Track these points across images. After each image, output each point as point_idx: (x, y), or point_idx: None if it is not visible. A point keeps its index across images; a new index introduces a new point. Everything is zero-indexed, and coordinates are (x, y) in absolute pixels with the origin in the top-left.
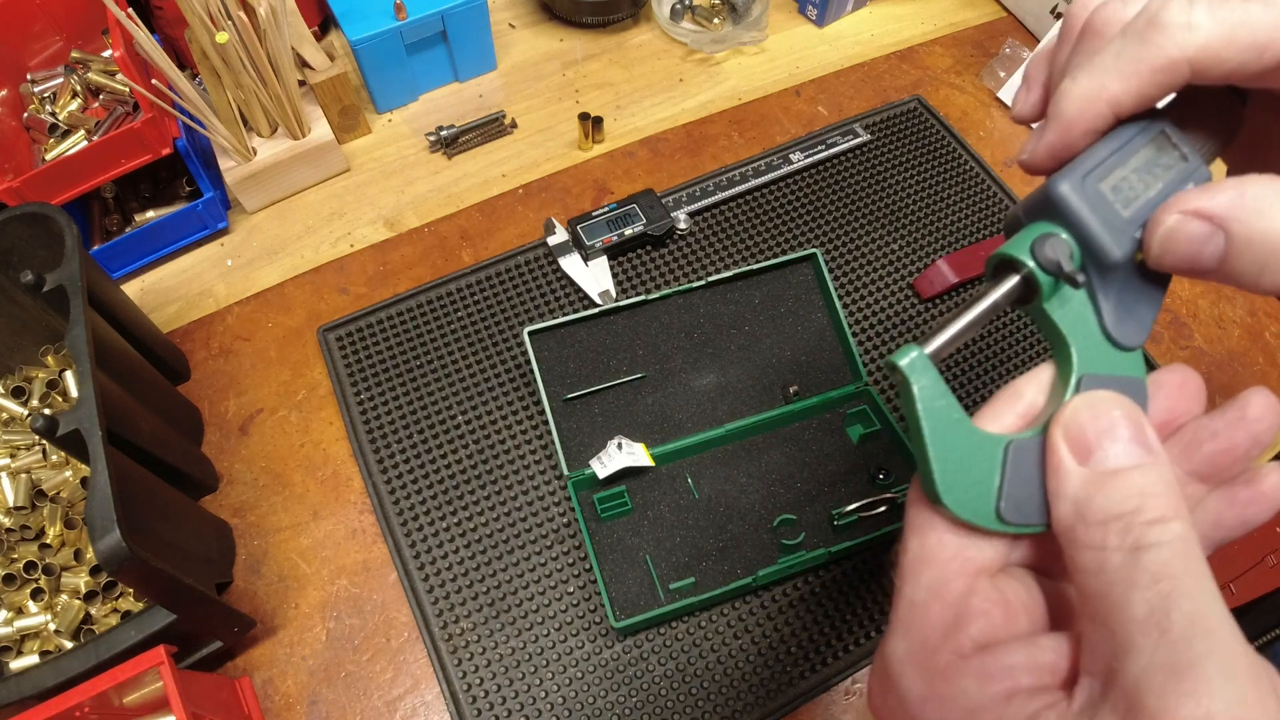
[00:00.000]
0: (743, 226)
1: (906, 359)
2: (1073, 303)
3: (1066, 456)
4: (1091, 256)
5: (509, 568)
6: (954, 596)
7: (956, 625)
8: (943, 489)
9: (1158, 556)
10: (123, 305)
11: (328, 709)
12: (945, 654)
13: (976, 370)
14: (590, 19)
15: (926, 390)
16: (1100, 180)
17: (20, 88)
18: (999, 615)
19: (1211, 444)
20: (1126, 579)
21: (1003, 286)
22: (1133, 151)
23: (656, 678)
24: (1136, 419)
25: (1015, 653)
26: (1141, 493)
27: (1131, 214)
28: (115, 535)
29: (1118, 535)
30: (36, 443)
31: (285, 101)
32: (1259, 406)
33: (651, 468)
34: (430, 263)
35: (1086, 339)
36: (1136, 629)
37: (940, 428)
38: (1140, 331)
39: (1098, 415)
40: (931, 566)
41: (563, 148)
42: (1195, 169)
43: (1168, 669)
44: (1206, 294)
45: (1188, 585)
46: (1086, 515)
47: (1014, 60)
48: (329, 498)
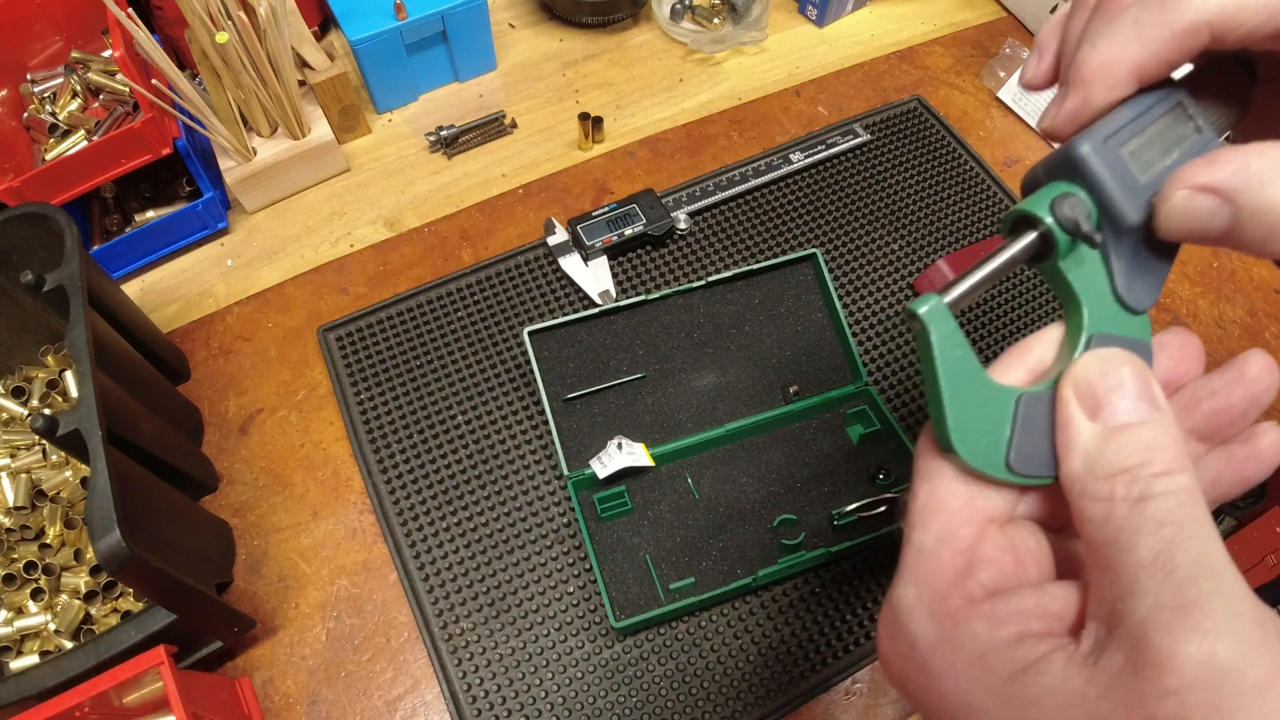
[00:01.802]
0: (743, 226)
1: (925, 307)
2: (1087, 263)
3: (1077, 411)
4: (1108, 219)
5: (509, 568)
6: (964, 543)
7: (967, 571)
8: (955, 436)
9: (1163, 505)
10: (123, 305)
11: (328, 709)
12: (955, 599)
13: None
14: (590, 19)
15: (944, 338)
16: (1120, 145)
17: (20, 88)
18: (1009, 562)
19: (1210, 402)
20: (1133, 525)
21: (1020, 242)
22: (1151, 120)
23: (656, 678)
24: (1144, 376)
25: (1025, 598)
26: (1149, 447)
27: (1148, 180)
28: (115, 535)
29: (1124, 487)
30: (36, 443)
31: (285, 101)
32: (1257, 367)
33: (651, 468)
34: (430, 263)
35: (1098, 299)
36: (1142, 570)
37: (956, 376)
38: (1150, 295)
39: (1107, 372)
40: (941, 514)
41: (563, 148)
42: (1209, 141)
43: (1173, 607)
44: (1206, 294)
45: (1192, 530)
46: (1095, 468)
47: (1014, 60)
48: (329, 498)
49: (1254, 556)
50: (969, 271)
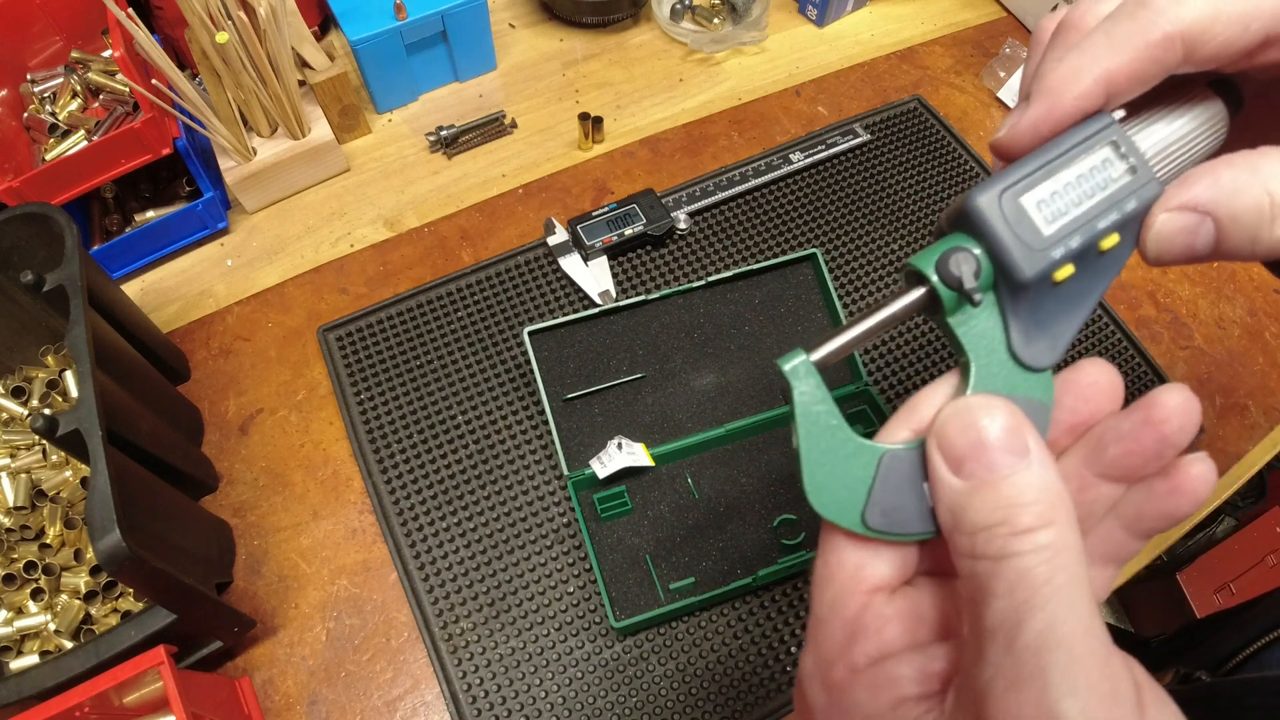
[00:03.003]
0: (743, 226)
1: (790, 364)
2: (979, 319)
3: (941, 466)
4: (1003, 274)
5: (509, 568)
6: (850, 613)
7: (851, 640)
8: (810, 490)
9: (1017, 565)
10: (123, 305)
11: (328, 709)
12: (841, 668)
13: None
14: (590, 19)
15: (805, 395)
16: (1023, 193)
17: (20, 88)
18: (892, 630)
19: (1117, 447)
20: (987, 587)
21: (906, 298)
22: (1069, 162)
23: (656, 678)
24: (1011, 423)
25: (904, 664)
26: (1010, 504)
27: (1054, 230)
28: (115, 535)
29: (983, 545)
30: (36, 443)
31: (285, 101)
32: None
33: (651, 468)
34: (430, 263)
35: (989, 356)
36: (988, 636)
37: (815, 432)
38: (1051, 352)
39: (967, 425)
40: (832, 584)
41: (563, 148)
42: (1143, 183)
43: (1010, 679)
44: (1206, 294)
45: (1045, 595)
46: (960, 525)
47: (1014, 60)
48: (329, 498)
49: (1254, 556)
50: (843, 329)
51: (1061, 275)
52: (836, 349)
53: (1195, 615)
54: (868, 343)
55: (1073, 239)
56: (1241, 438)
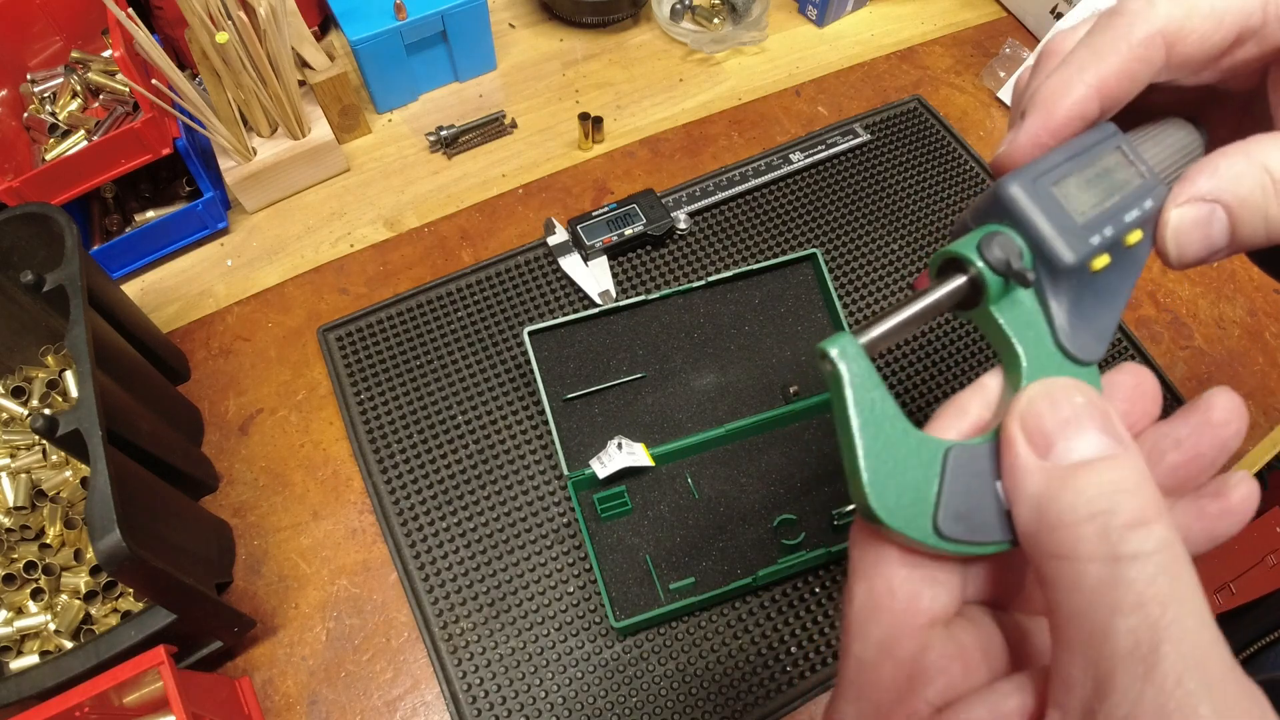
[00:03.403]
0: (743, 226)
1: (837, 346)
2: (1023, 308)
3: (1024, 450)
4: (1043, 261)
5: (509, 568)
6: (907, 653)
7: (911, 686)
8: (872, 493)
9: (1142, 572)
10: (123, 305)
11: (328, 709)
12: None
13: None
14: (590, 19)
15: (859, 379)
16: (1053, 184)
17: (20, 88)
18: (957, 670)
19: (1176, 453)
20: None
21: (948, 285)
22: (1090, 161)
23: (656, 678)
24: (1103, 406)
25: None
26: (1115, 489)
27: (1086, 220)
28: (115, 535)
29: (1091, 541)
30: (36, 443)
31: (285, 101)
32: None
33: (651, 468)
34: (430, 263)
35: (1038, 348)
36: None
37: (872, 422)
38: (1097, 345)
39: (1058, 402)
40: (881, 620)
41: (563, 148)
42: (1154, 187)
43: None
44: (1206, 294)
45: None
46: (1051, 518)
47: (1014, 60)
48: (329, 498)
49: (1254, 556)
50: (889, 312)
51: (1099, 264)
52: (884, 333)
53: None
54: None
55: (1106, 229)
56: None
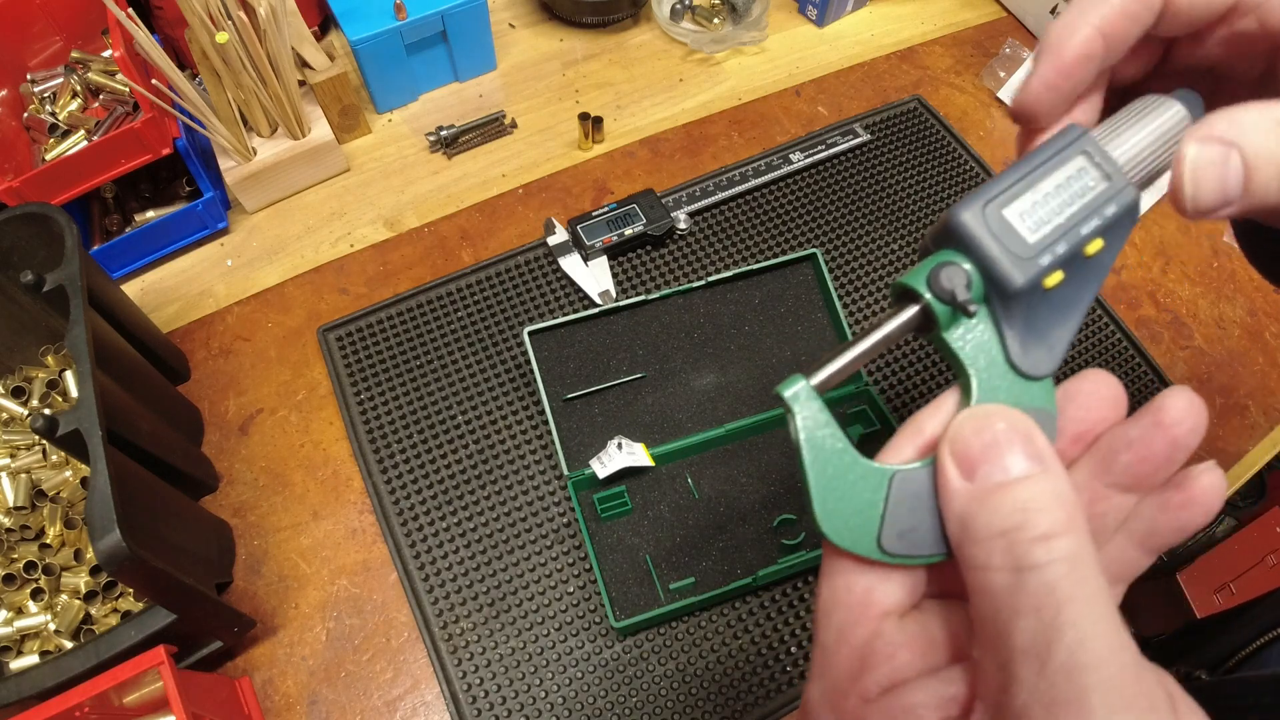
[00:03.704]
0: (743, 226)
1: (791, 390)
2: (975, 331)
3: (953, 473)
4: (993, 284)
5: (509, 568)
6: (860, 641)
7: (862, 669)
8: (821, 517)
9: (1041, 578)
10: (123, 305)
11: (328, 709)
12: (853, 698)
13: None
14: (590, 19)
15: (809, 420)
16: (1005, 205)
17: (20, 88)
18: (904, 656)
19: (1128, 453)
20: (1010, 604)
21: (899, 317)
22: (1046, 174)
23: (656, 678)
24: (1024, 429)
25: (919, 690)
26: (1025, 507)
27: (1039, 239)
28: (115, 535)
29: (1001, 554)
30: (36, 443)
31: (285, 101)
32: (1176, 410)
33: (651, 468)
34: (430, 263)
35: (989, 368)
36: (1018, 658)
37: (821, 457)
38: (1049, 360)
39: (981, 428)
40: (839, 611)
41: (563, 148)
42: (1120, 189)
43: (1047, 704)
44: (1206, 294)
45: (1073, 611)
46: (971, 532)
47: (1014, 60)
48: (329, 498)
49: (1254, 556)
50: (840, 350)
51: (1051, 282)
52: (835, 371)
53: (1195, 615)
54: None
55: (1058, 245)
56: (1241, 438)
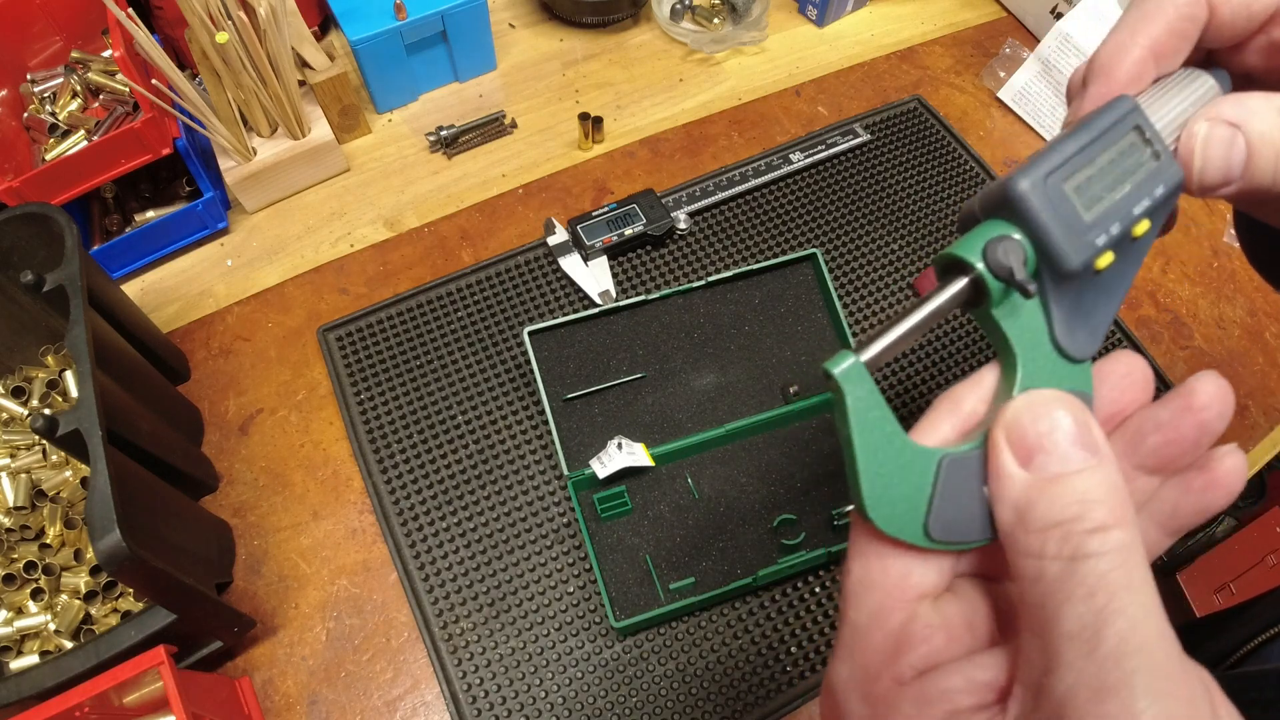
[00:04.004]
0: (743, 226)
1: (840, 367)
2: (1023, 309)
3: (1009, 459)
4: (1047, 262)
5: (509, 568)
6: (895, 623)
7: (897, 652)
8: (869, 503)
9: (1095, 568)
10: (123, 305)
11: (328, 709)
12: (886, 680)
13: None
14: (590, 19)
15: (860, 401)
16: (1064, 179)
17: (20, 88)
18: (940, 640)
19: (1157, 435)
20: (1062, 590)
21: (949, 290)
22: (1102, 149)
23: (656, 678)
24: (1082, 419)
25: (953, 675)
26: (1083, 499)
27: (1094, 217)
28: (115, 535)
29: (1056, 543)
30: (36, 443)
31: (285, 101)
32: (1206, 394)
33: (651, 468)
34: (430, 263)
35: (1035, 348)
36: (1067, 644)
37: (872, 440)
38: (1091, 342)
39: (1040, 415)
40: (873, 593)
41: (563, 148)
42: (1167, 168)
43: (1094, 688)
44: (1207, 294)
45: (1124, 600)
46: (1027, 521)
47: (1014, 60)
48: (329, 498)
49: (1254, 556)
50: (889, 326)
51: (1103, 263)
52: (887, 347)
53: (1195, 615)
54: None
55: (1113, 226)
56: (1241, 438)
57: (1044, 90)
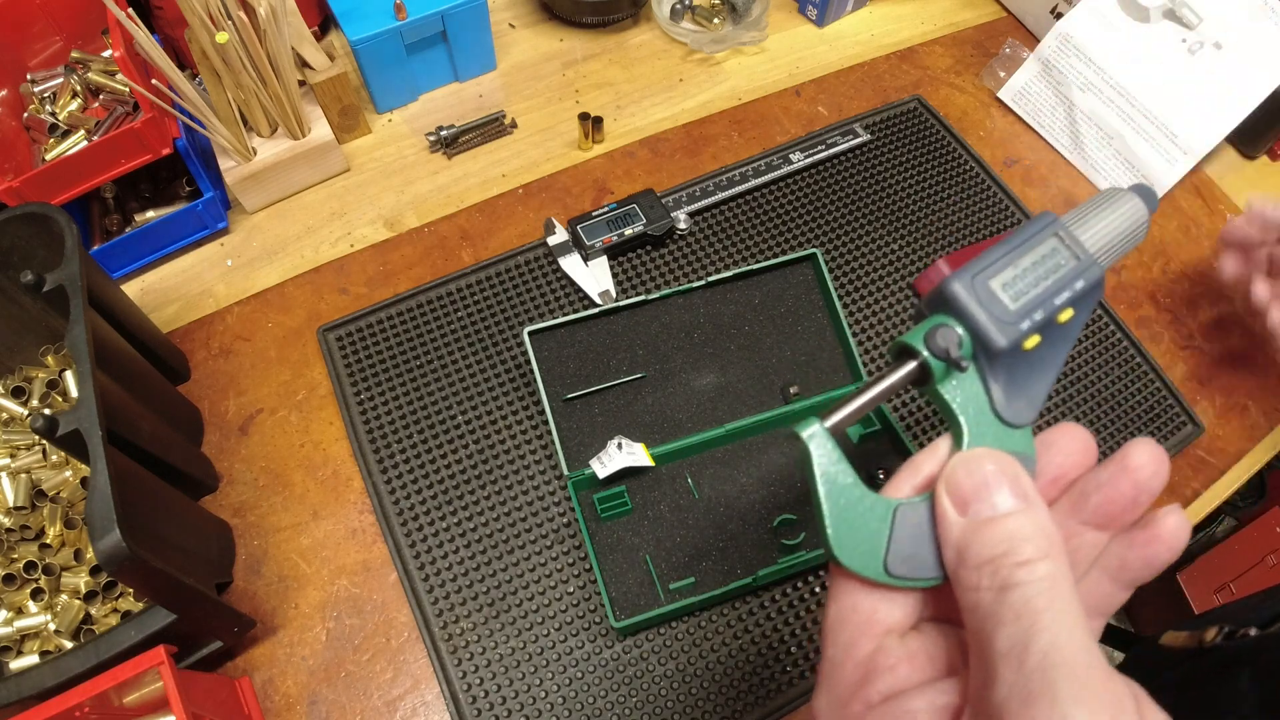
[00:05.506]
0: (743, 226)
1: (806, 431)
2: (965, 385)
3: (949, 507)
4: (981, 345)
5: (509, 568)
6: (863, 655)
7: (866, 679)
8: (835, 545)
9: (1022, 595)
10: (123, 305)
11: (328, 709)
12: (856, 705)
13: None
14: (590, 19)
15: (823, 459)
16: (991, 277)
17: (20, 88)
18: (904, 669)
19: (1097, 495)
20: (995, 616)
21: (900, 370)
22: (1026, 251)
23: (656, 678)
24: (1010, 470)
25: (916, 699)
26: (1010, 537)
27: (1019, 307)
28: (115, 535)
29: (990, 576)
30: (36, 443)
31: (285, 101)
32: (1140, 457)
33: (651, 468)
34: (430, 263)
35: (978, 417)
36: (1000, 660)
37: (834, 491)
38: (1029, 410)
39: (973, 470)
40: (845, 628)
41: (563, 148)
42: (1086, 267)
43: (1022, 696)
44: (1207, 294)
45: (1048, 620)
46: (965, 559)
47: (1014, 60)
48: (329, 498)
49: (1254, 556)
50: (850, 398)
51: (1030, 344)
52: (846, 416)
53: (1195, 614)
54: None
55: (1036, 313)
56: (1241, 438)
57: (1044, 90)
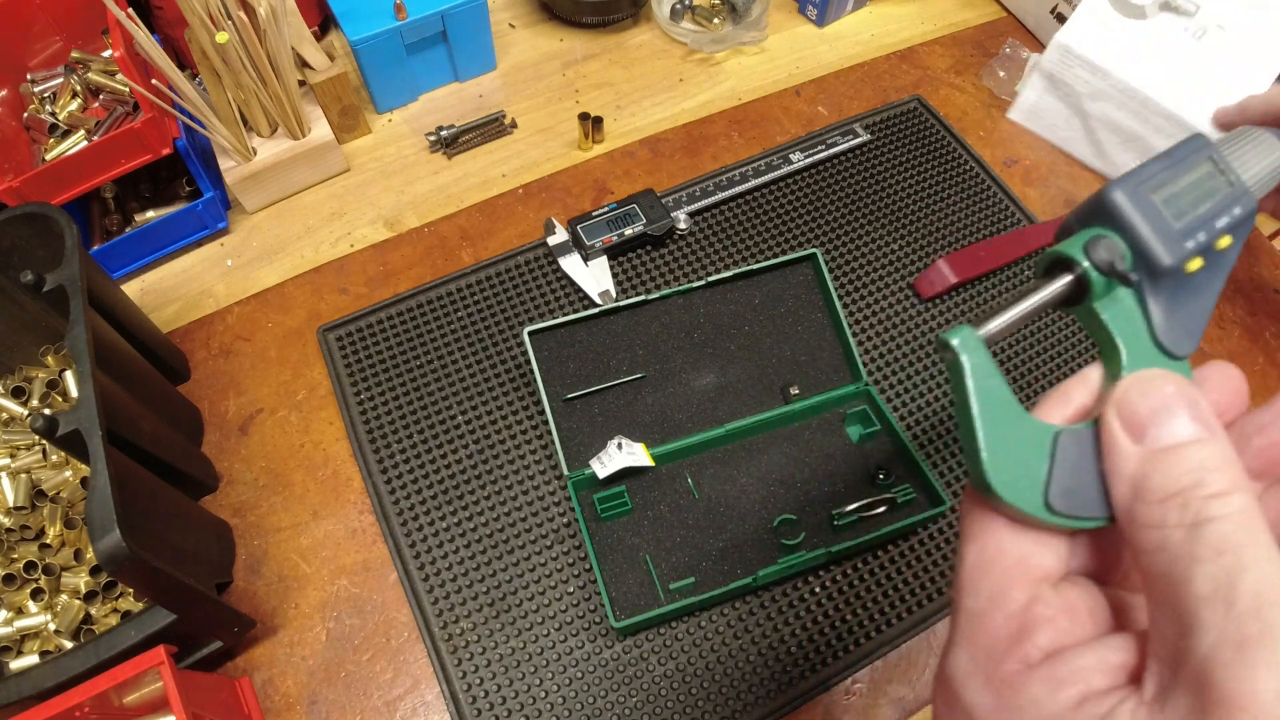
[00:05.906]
0: (743, 226)
1: (959, 337)
2: (1123, 306)
3: (1121, 435)
4: (1143, 262)
5: (509, 568)
6: (1017, 605)
7: (1022, 633)
8: (991, 471)
9: (1219, 529)
10: (123, 305)
11: (328, 709)
12: (1012, 664)
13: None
14: (590, 19)
15: (978, 368)
16: (1153, 191)
17: (20, 88)
18: (1065, 622)
19: (1260, 438)
20: (1189, 554)
21: (1055, 283)
22: (1183, 171)
23: (656, 678)
24: (1191, 395)
25: (1085, 655)
26: (1200, 467)
27: (1182, 225)
28: (115, 535)
29: (1177, 511)
30: (36, 443)
31: (285, 101)
32: None
33: (651, 468)
34: (430, 263)
35: (1137, 343)
36: (1202, 604)
37: (990, 407)
38: (1190, 340)
39: (1149, 392)
40: (991, 575)
41: (563, 148)
42: (1241, 195)
43: (1237, 642)
44: None
45: (1253, 556)
46: (1145, 494)
47: (1014, 60)
48: (329, 498)
49: None
50: (1003, 307)
51: (1193, 266)
52: (1000, 327)
53: None
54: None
55: (1199, 234)
56: None
57: (1055, 105)
